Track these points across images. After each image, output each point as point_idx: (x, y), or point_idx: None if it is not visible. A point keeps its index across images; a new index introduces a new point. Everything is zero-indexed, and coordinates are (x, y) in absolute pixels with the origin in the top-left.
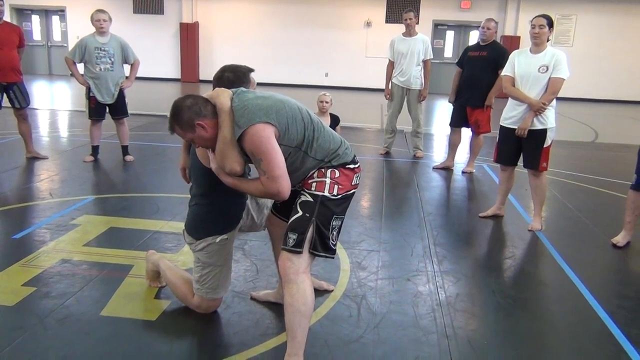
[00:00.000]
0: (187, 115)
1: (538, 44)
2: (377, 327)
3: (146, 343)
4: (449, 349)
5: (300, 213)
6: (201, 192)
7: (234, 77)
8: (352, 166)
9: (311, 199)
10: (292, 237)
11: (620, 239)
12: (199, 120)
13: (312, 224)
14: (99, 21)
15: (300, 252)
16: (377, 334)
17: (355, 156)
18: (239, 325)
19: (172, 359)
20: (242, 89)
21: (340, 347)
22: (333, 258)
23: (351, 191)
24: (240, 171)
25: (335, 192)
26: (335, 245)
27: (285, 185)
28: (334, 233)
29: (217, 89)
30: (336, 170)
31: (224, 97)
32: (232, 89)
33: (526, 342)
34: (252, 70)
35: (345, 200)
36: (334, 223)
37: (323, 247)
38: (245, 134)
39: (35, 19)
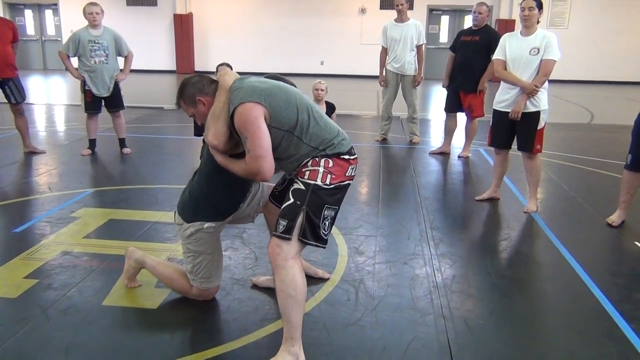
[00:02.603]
0: (190, 90)
1: (528, 27)
2: (375, 310)
3: (148, 331)
4: (445, 329)
5: (292, 200)
6: (208, 173)
7: None
8: (347, 157)
9: (303, 187)
10: (282, 223)
11: (615, 218)
12: (200, 96)
13: (303, 212)
14: (92, 14)
15: (289, 239)
16: (375, 317)
17: (352, 148)
18: (239, 312)
19: (174, 345)
20: (249, 76)
21: (339, 330)
22: (324, 247)
23: (345, 182)
24: (218, 145)
25: (327, 182)
26: (327, 235)
27: (266, 166)
28: (326, 223)
29: (226, 69)
30: (330, 160)
31: (228, 76)
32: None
33: (521, 321)
34: (294, 85)
35: (338, 191)
36: (325, 212)
37: (313, 235)
38: (235, 112)
39: (29, 13)
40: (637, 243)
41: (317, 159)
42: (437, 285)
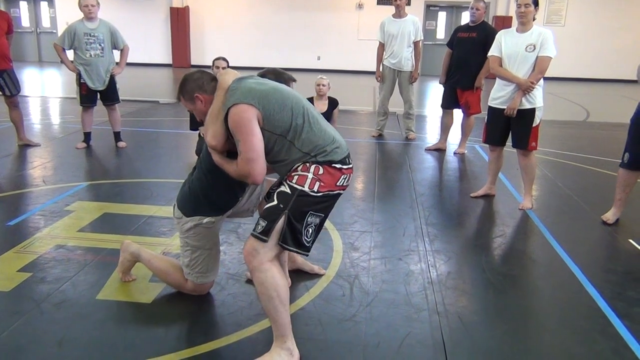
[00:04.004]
0: (190, 86)
1: (524, 23)
2: (370, 306)
3: (142, 325)
4: (440, 325)
5: (275, 202)
6: (205, 170)
7: (275, 79)
8: (339, 166)
9: (289, 191)
10: (262, 224)
11: (610, 216)
12: (198, 93)
13: (284, 216)
14: (87, 6)
15: (265, 241)
16: (370, 312)
17: (347, 157)
18: (233, 306)
19: (168, 340)
20: (250, 75)
21: (334, 326)
22: (307, 255)
23: (335, 192)
24: (217, 146)
25: (315, 189)
26: (309, 242)
27: (257, 169)
28: (309, 230)
29: (227, 69)
30: (321, 167)
31: (228, 76)
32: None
33: (515, 318)
34: (294, 80)
35: (327, 200)
36: (309, 219)
37: (294, 241)
38: (229, 112)
39: (24, 5)
40: (631, 241)
41: (307, 164)
42: (431, 281)
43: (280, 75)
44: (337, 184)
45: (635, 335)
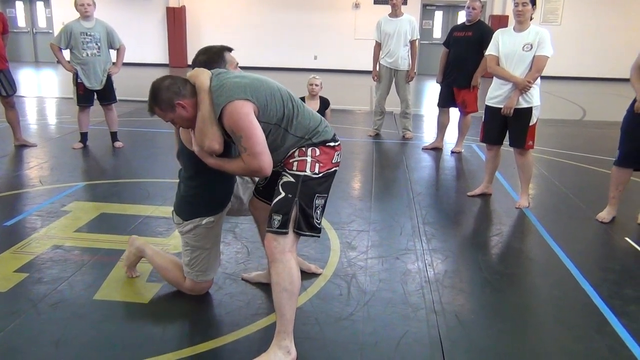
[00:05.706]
0: (166, 95)
1: (522, 22)
2: (367, 305)
3: (139, 325)
4: (437, 323)
5: (283, 194)
6: (188, 175)
7: (207, 58)
8: (332, 144)
9: (293, 180)
10: (277, 218)
11: (605, 214)
12: (178, 100)
13: (296, 205)
14: (83, 5)
15: (285, 233)
16: (367, 312)
17: (335, 134)
18: (230, 306)
19: (166, 340)
20: (221, 69)
21: (331, 325)
22: (319, 237)
23: (332, 169)
24: (219, 149)
25: (316, 171)
26: (320, 224)
27: (266, 161)
28: (318, 212)
29: (196, 68)
30: (317, 149)
31: (203, 76)
32: (212, 70)
33: (513, 316)
34: (228, 49)
35: (327, 179)
36: (317, 202)
37: (308, 226)
38: (224, 111)
39: (19, 5)
40: (627, 239)
41: (303, 148)
42: (429, 280)
43: (210, 50)
44: (333, 161)
45: (631, 333)
